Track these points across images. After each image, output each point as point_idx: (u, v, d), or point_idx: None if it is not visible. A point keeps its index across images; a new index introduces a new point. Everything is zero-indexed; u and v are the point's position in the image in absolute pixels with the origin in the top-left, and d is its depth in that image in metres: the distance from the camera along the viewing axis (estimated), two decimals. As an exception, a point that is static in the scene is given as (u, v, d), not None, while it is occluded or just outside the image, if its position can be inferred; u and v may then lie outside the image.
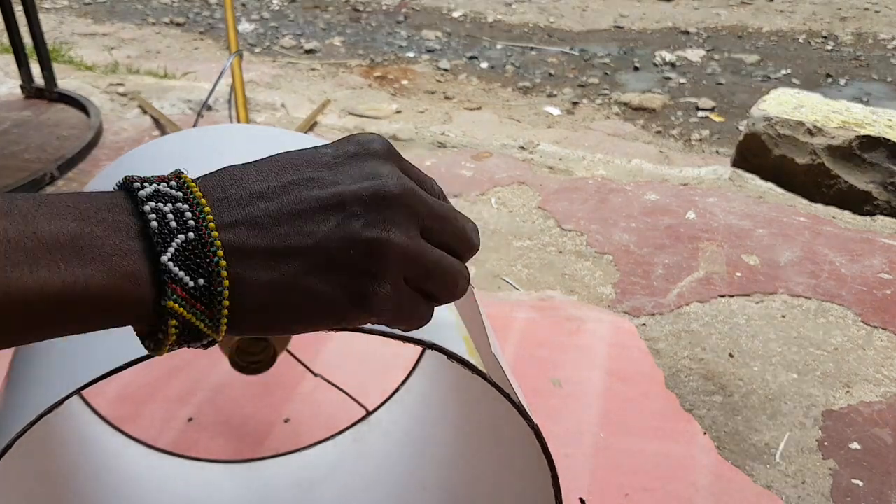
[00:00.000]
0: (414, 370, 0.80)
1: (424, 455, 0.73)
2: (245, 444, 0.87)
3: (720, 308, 1.15)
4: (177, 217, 0.24)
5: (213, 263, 0.24)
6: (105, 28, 3.30)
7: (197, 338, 0.25)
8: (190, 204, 0.25)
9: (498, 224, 1.40)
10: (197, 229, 0.24)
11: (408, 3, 3.75)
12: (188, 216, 0.24)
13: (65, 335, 0.24)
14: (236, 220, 0.25)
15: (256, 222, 0.25)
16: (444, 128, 1.94)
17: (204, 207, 0.25)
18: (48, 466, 0.62)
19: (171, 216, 0.24)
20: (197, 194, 0.25)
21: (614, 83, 2.69)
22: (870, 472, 0.85)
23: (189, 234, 0.24)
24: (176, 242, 0.24)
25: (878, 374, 1.01)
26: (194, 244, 0.24)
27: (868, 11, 3.56)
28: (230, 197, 0.26)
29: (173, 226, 0.24)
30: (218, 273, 0.24)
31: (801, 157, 1.61)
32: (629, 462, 0.86)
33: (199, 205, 0.25)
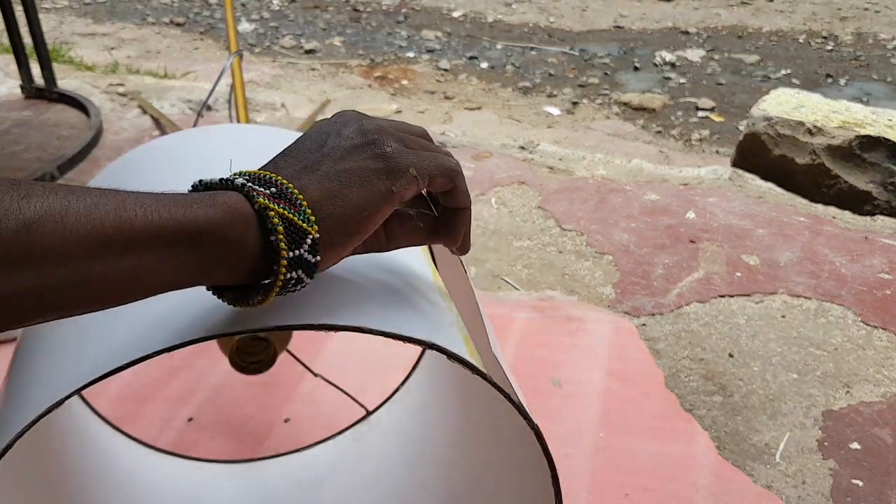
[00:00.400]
0: (414, 370, 0.80)
1: (424, 455, 0.73)
2: (245, 444, 0.87)
3: (720, 308, 1.15)
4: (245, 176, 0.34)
5: (273, 180, 0.34)
6: (105, 28, 3.30)
7: (300, 235, 0.33)
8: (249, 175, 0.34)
9: (498, 224, 1.40)
10: (256, 175, 0.34)
11: (408, 3, 3.76)
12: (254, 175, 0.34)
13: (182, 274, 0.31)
14: (281, 170, 0.35)
15: (290, 167, 0.36)
16: (444, 128, 1.95)
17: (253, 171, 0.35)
18: (48, 466, 0.62)
19: (241, 178, 0.34)
20: (259, 173, 0.35)
21: (614, 83, 2.69)
22: (870, 472, 0.85)
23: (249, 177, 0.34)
24: (243, 178, 0.34)
25: (878, 374, 1.01)
26: (259, 178, 0.34)
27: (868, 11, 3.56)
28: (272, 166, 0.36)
29: (243, 178, 0.34)
30: (279, 182, 0.33)
31: (801, 157, 1.61)
32: (629, 462, 0.86)
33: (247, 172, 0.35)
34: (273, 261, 0.33)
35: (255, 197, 0.32)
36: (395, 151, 0.36)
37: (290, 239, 0.32)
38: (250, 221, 0.32)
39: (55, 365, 0.39)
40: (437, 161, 0.38)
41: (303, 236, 0.33)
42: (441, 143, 1.75)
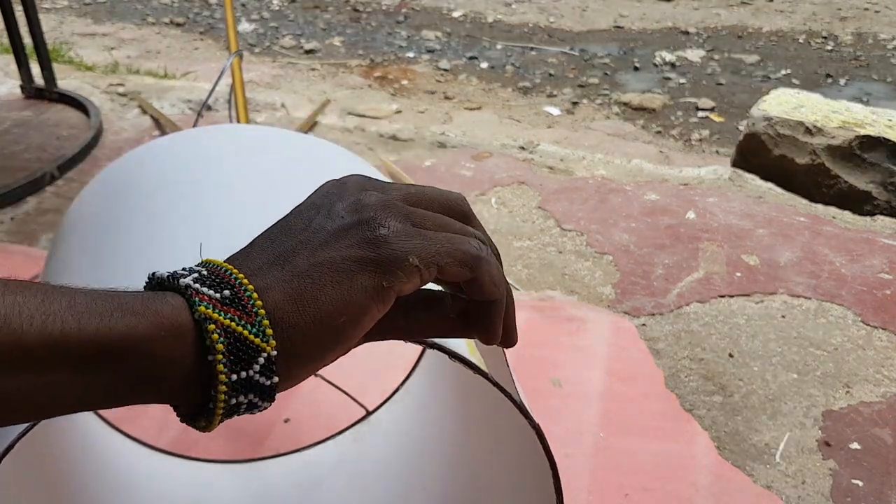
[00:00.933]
0: (414, 370, 0.80)
1: (424, 455, 0.73)
2: (245, 444, 0.87)
3: (720, 308, 1.15)
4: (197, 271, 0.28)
5: (230, 280, 0.28)
6: (105, 28, 3.30)
7: (250, 352, 0.27)
8: (204, 265, 0.29)
9: (498, 224, 1.40)
10: (216, 270, 0.28)
11: (408, 3, 3.76)
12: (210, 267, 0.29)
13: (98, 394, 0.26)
14: (252, 261, 0.29)
15: (265, 255, 0.29)
16: (444, 128, 1.94)
17: (218, 263, 0.29)
18: (49, 467, 0.62)
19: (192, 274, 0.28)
20: (213, 262, 0.29)
21: (614, 83, 2.69)
22: (870, 472, 0.85)
23: (207, 272, 0.28)
24: (193, 277, 0.28)
25: (877, 374, 1.01)
26: (216, 276, 0.28)
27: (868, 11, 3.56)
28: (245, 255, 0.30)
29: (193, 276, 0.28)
30: (236, 282, 0.27)
31: (801, 157, 1.61)
32: (629, 462, 0.86)
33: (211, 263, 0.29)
34: (212, 384, 0.27)
35: (195, 304, 0.26)
36: (392, 235, 0.29)
37: (236, 358, 0.27)
38: (185, 335, 0.26)
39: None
40: (450, 246, 0.30)
41: (254, 354, 0.27)
42: (440, 143, 1.75)
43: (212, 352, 0.26)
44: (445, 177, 1.57)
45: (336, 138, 1.75)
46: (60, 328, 0.25)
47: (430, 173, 1.58)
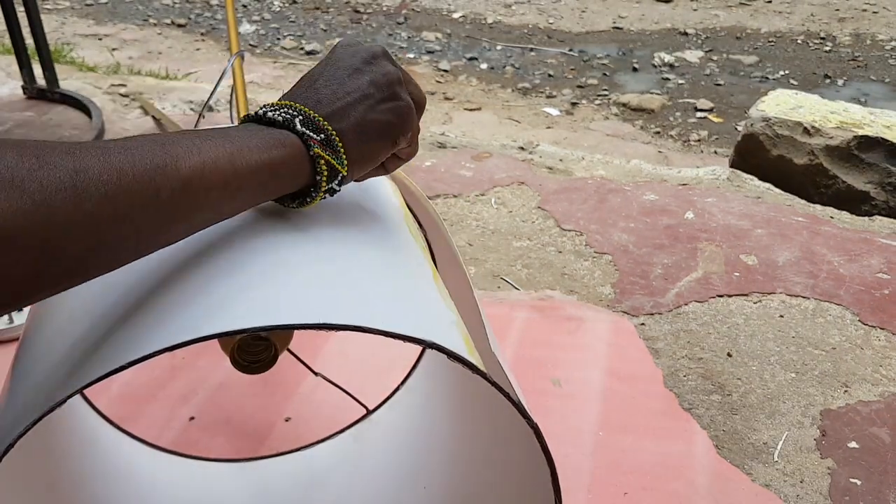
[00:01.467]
0: (414, 370, 0.81)
1: (425, 454, 0.74)
2: (246, 442, 0.87)
3: (718, 308, 1.16)
4: (299, 115, 0.43)
5: (322, 126, 0.43)
6: (107, 29, 3.31)
7: (335, 174, 0.44)
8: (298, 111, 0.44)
9: (497, 224, 1.41)
10: (309, 116, 0.43)
11: (408, 5, 3.76)
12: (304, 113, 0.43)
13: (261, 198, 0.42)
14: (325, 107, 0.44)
15: (333, 105, 0.45)
16: (444, 128, 1.95)
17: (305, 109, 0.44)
18: (49, 465, 0.62)
19: (298, 117, 0.43)
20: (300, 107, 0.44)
21: (613, 84, 2.70)
22: (868, 472, 0.86)
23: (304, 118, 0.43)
24: (299, 120, 0.43)
25: (875, 374, 1.02)
26: (311, 121, 0.43)
27: (866, 12, 3.56)
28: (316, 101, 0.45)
29: (299, 119, 0.43)
30: (326, 128, 0.43)
31: (799, 157, 1.61)
32: (628, 461, 0.86)
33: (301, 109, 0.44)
34: (314, 188, 0.44)
35: (311, 146, 0.42)
36: (408, 111, 0.46)
37: (330, 176, 0.43)
38: (305, 161, 0.42)
39: (57, 364, 0.39)
40: (418, 128, 0.49)
41: (336, 174, 0.44)
42: (441, 144, 1.76)
43: (320, 173, 0.43)
44: (445, 177, 1.57)
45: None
46: (256, 159, 0.39)
47: (429, 173, 1.59)
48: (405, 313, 0.41)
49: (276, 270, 0.41)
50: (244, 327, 0.36)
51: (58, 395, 0.36)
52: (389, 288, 0.43)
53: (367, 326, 0.37)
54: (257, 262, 0.42)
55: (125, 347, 0.36)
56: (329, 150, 0.43)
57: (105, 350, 0.37)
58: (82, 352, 0.38)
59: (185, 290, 0.40)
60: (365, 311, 0.39)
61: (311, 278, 0.41)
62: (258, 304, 0.38)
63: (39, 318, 0.46)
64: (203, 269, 0.41)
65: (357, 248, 0.46)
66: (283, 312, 0.38)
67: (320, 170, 0.42)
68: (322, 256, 0.44)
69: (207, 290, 0.39)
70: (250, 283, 0.40)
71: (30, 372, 0.41)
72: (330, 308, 0.39)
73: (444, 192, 1.50)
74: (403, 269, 0.47)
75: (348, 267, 0.44)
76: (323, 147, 0.43)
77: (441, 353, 0.39)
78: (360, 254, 0.45)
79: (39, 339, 0.44)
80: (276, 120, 0.42)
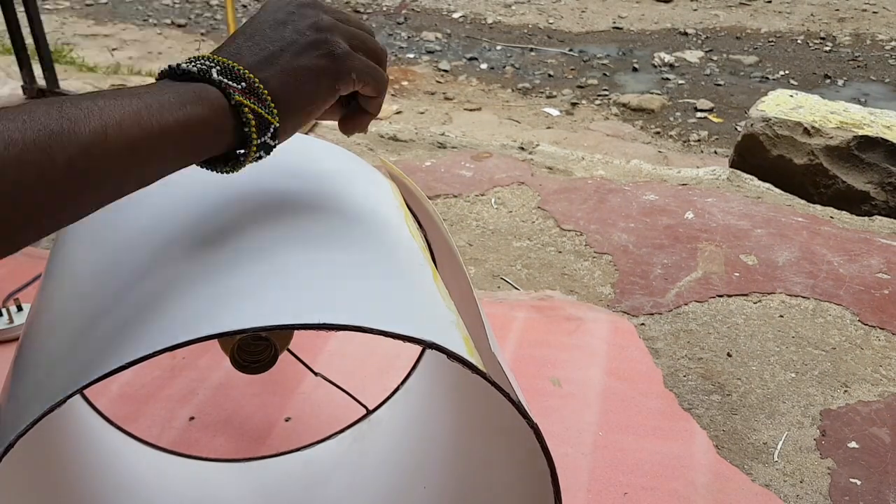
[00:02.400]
0: (414, 369, 0.81)
1: (425, 453, 0.74)
2: (246, 442, 0.87)
3: (718, 308, 1.16)
4: (216, 66, 0.40)
5: (243, 75, 0.40)
6: (107, 29, 3.31)
7: (265, 125, 0.40)
8: (215, 62, 0.40)
9: (497, 224, 1.41)
10: (227, 65, 0.40)
11: (408, 5, 3.76)
12: (222, 64, 0.40)
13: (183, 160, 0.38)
14: (246, 58, 0.41)
15: (255, 55, 0.41)
16: (444, 128, 1.95)
17: (223, 59, 0.40)
18: (49, 465, 0.62)
19: (215, 67, 0.39)
20: (217, 58, 0.40)
21: (613, 84, 2.70)
22: (868, 471, 0.86)
23: (221, 67, 0.39)
24: (216, 70, 0.39)
25: (875, 374, 1.02)
26: (230, 70, 0.39)
27: (866, 12, 3.57)
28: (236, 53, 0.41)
29: (216, 69, 0.39)
30: (247, 76, 0.39)
31: (799, 157, 1.61)
32: (628, 461, 0.86)
33: (218, 59, 0.40)
34: (244, 145, 0.40)
35: (231, 94, 0.39)
36: (343, 54, 0.43)
37: (259, 128, 0.40)
38: (228, 114, 0.39)
39: (57, 364, 0.39)
40: (373, 72, 0.45)
41: (267, 126, 0.40)
42: (440, 144, 1.76)
43: (247, 125, 0.39)
44: (445, 177, 1.57)
45: (336, 139, 1.76)
46: (168, 118, 0.36)
47: (429, 173, 1.59)
48: (405, 313, 0.41)
49: (275, 270, 0.41)
50: (244, 327, 0.36)
51: (58, 395, 0.36)
52: (389, 288, 0.43)
53: (367, 326, 0.37)
54: (257, 262, 0.42)
55: (125, 347, 0.36)
56: (253, 98, 0.39)
57: (105, 350, 0.37)
58: (82, 352, 0.38)
59: (185, 290, 0.40)
60: (365, 310, 0.39)
61: (310, 278, 0.41)
62: (258, 304, 0.38)
63: (39, 318, 0.46)
64: (202, 268, 0.41)
65: (357, 248, 0.46)
66: (283, 312, 0.38)
67: (247, 119, 0.39)
68: (322, 256, 0.44)
69: (207, 290, 0.39)
70: (250, 283, 0.40)
71: (29, 372, 0.41)
72: (330, 308, 0.39)
73: (444, 192, 1.50)
74: (403, 269, 0.47)
75: (348, 267, 0.44)
76: (246, 95, 0.39)
77: (441, 353, 0.39)
78: (359, 254, 0.45)
79: (39, 339, 0.44)
80: (191, 71, 0.39)
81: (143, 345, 0.36)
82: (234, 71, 0.39)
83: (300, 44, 0.42)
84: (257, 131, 0.39)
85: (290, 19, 0.43)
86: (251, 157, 0.41)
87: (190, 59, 0.40)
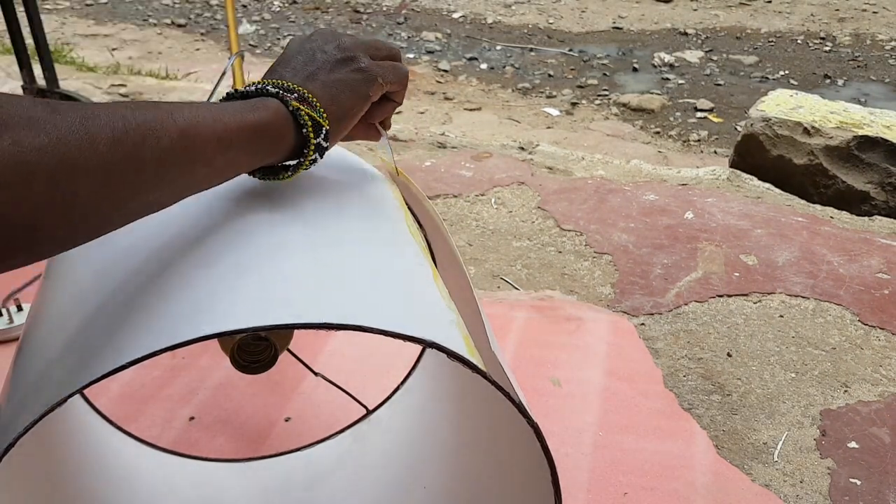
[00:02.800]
0: (414, 369, 0.81)
1: (425, 453, 0.74)
2: (246, 442, 0.87)
3: (718, 308, 1.16)
4: (270, 84, 0.46)
5: (294, 88, 0.46)
6: (106, 29, 3.31)
7: (319, 127, 0.46)
8: (268, 83, 0.46)
9: (497, 224, 1.41)
10: (279, 84, 0.46)
11: (408, 5, 3.76)
12: (274, 83, 0.46)
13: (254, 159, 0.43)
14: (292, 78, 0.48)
15: (299, 75, 0.48)
16: (444, 128, 1.95)
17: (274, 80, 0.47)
18: (49, 465, 0.62)
19: (269, 85, 0.46)
20: (269, 80, 0.47)
21: (613, 84, 2.70)
22: (868, 472, 0.86)
23: (274, 85, 0.46)
24: (271, 85, 0.46)
25: (875, 374, 1.02)
26: (283, 86, 0.46)
27: (866, 12, 3.57)
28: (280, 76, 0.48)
29: (271, 84, 0.46)
30: (298, 89, 0.46)
31: (798, 157, 1.62)
32: (628, 461, 0.86)
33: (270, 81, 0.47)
34: (304, 146, 0.45)
35: (288, 102, 0.44)
36: (368, 66, 0.49)
37: (314, 130, 0.45)
38: (288, 119, 0.44)
39: (56, 364, 0.39)
40: (396, 71, 0.52)
41: (320, 128, 0.46)
42: (440, 144, 1.76)
43: (305, 127, 0.45)
44: (445, 177, 1.57)
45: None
46: (240, 119, 0.41)
47: (429, 173, 1.59)
48: (405, 313, 0.41)
49: (275, 270, 0.41)
50: (244, 327, 0.36)
51: (58, 394, 0.36)
52: (389, 287, 0.43)
53: (367, 326, 0.37)
54: (257, 262, 0.42)
55: (125, 347, 0.36)
56: (306, 105, 0.45)
57: (105, 350, 0.37)
58: (82, 351, 0.38)
59: (185, 290, 0.40)
60: (365, 310, 0.39)
61: (310, 278, 0.41)
62: (258, 304, 0.38)
63: (39, 318, 0.46)
64: (203, 268, 0.41)
65: (357, 247, 0.46)
66: (282, 312, 0.38)
67: (304, 122, 0.44)
68: (322, 256, 0.44)
69: (207, 290, 0.39)
70: (250, 283, 0.40)
71: (30, 372, 0.41)
72: (330, 307, 0.39)
73: (444, 192, 1.50)
74: (403, 269, 0.47)
75: (348, 266, 0.44)
76: (300, 102, 0.45)
77: (441, 353, 0.39)
78: (359, 253, 0.45)
79: (39, 339, 0.44)
80: (248, 91, 0.45)
81: (144, 344, 0.36)
82: (286, 86, 0.45)
83: (332, 62, 0.48)
84: (314, 133, 0.45)
85: (316, 47, 0.49)
86: (309, 158, 0.46)
87: (243, 88, 0.46)
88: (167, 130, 0.36)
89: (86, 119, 0.32)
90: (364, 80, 0.49)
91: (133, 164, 0.34)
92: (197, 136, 0.37)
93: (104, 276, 0.44)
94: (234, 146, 0.40)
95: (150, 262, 0.43)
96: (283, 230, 0.45)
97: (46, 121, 0.31)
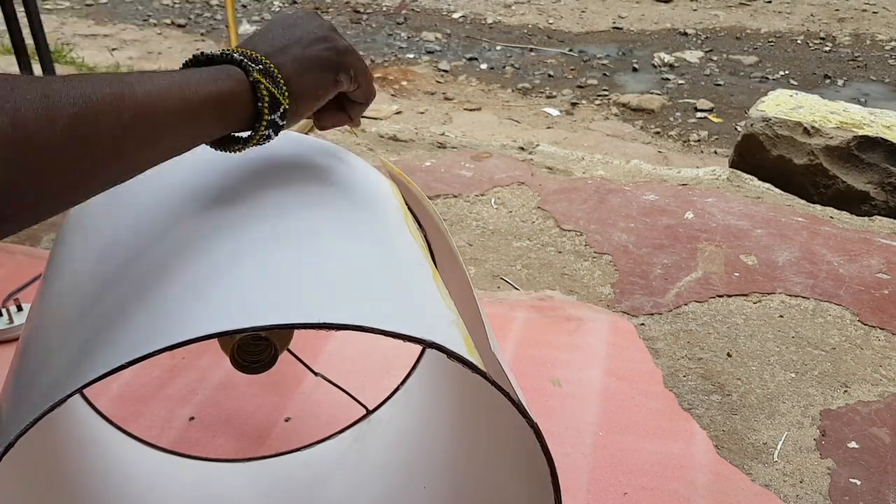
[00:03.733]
0: (414, 369, 0.81)
1: (425, 453, 0.74)
2: (246, 443, 0.87)
3: (718, 308, 1.16)
4: (236, 52, 0.44)
5: (259, 59, 0.44)
6: (106, 29, 3.31)
7: (277, 104, 0.44)
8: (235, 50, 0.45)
9: (497, 224, 1.41)
10: (246, 53, 0.44)
11: (408, 5, 3.76)
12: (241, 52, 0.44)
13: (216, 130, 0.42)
14: (262, 49, 0.46)
15: (270, 47, 0.46)
16: (444, 128, 1.95)
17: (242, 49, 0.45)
18: (49, 465, 0.62)
19: (235, 53, 0.44)
20: (237, 48, 0.45)
21: (613, 84, 2.70)
22: (867, 472, 0.86)
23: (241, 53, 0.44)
24: (237, 54, 0.44)
25: (875, 374, 1.02)
26: (249, 56, 0.44)
27: (866, 13, 3.57)
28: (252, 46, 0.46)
29: (237, 53, 0.44)
30: (264, 61, 0.44)
31: (798, 157, 1.62)
32: (628, 461, 0.86)
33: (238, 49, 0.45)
34: (256, 121, 0.44)
35: (250, 71, 0.43)
36: (345, 48, 0.48)
37: (271, 106, 0.43)
38: (247, 90, 0.43)
39: (56, 363, 0.39)
40: (367, 75, 0.51)
41: (278, 106, 0.44)
42: (440, 144, 1.76)
43: (261, 100, 0.43)
44: (445, 177, 1.57)
45: (336, 139, 1.76)
46: (204, 89, 0.40)
47: (429, 173, 1.59)
48: (405, 312, 0.41)
49: (275, 270, 0.41)
50: (244, 327, 0.36)
51: (57, 394, 0.36)
52: (389, 287, 0.43)
53: (367, 326, 0.37)
54: (257, 261, 0.42)
55: (125, 347, 0.36)
56: (269, 79, 0.43)
57: (105, 350, 0.37)
58: (82, 351, 0.38)
59: (185, 290, 0.40)
60: (365, 310, 0.39)
61: (310, 278, 0.41)
62: (258, 304, 0.38)
63: (39, 318, 0.46)
64: (202, 267, 0.41)
65: (357, 247, 0.46)
66: (282, 312, 0.38)
67: (261, 96, 0.43)
68: (322, 256, 0.44)
69: (207, 290, 0.39)
70: (250, 283, 0.40)
71: (29, 372, 0.41)
72: (330, 307, 0.39)
73: (444, 192, 1.50)
74: (403, 269, 0.47)
75: (348, 266, 0.44)
76: (262, 75, 0.43)
77: (441, 353, 0.39)
78: (359, 253, 0.45)
79: (39, 339, 0.44)
80: (214, 55, 0.44)
81: (144, 344, 0.36)
82: (252, 56, 0.44)
83: (309, 39, 0.47)
84: (269, 109, 0.43)
85: (298, 23, 0.48)
86: (260, 134, 0.44)
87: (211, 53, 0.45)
88: (127, 104, 0.36)
89: (45, 96, 0.32)
90: (336, 62, 0.47)
91: (95, 140, 0.34)
92: (158, 108, 0.37)
93: (104, 275, 0.44)
94: (198, 117, 0.40)
95: (149, 262, 0.43)
96: (280, 230, 0.45)
97: (5, 98, 0.30)
